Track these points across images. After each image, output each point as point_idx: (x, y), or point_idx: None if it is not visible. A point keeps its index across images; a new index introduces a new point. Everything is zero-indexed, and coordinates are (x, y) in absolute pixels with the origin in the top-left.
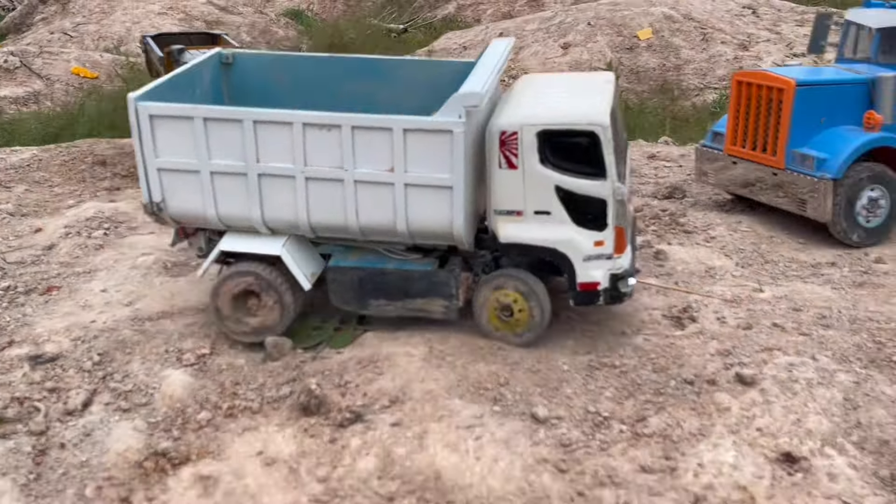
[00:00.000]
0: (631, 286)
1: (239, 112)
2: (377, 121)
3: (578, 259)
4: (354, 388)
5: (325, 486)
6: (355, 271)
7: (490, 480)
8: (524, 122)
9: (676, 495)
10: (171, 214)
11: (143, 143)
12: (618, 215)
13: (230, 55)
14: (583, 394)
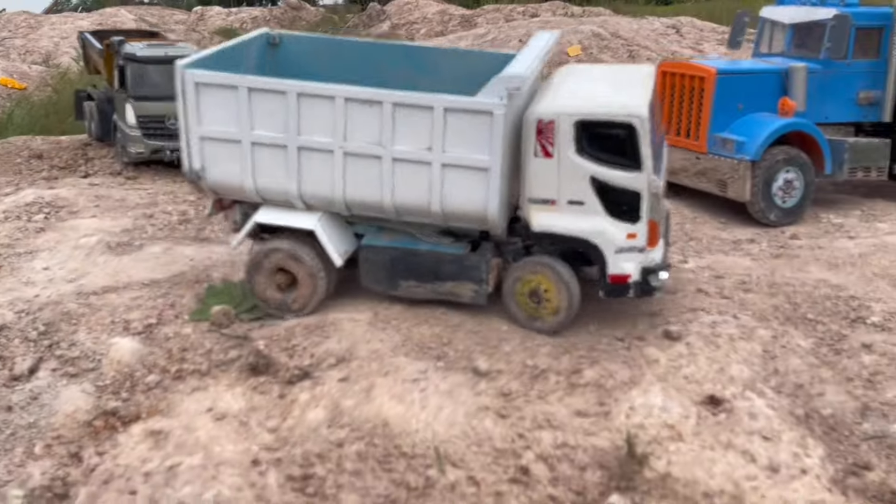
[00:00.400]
0: (662, 280)
1: (283, 84)
2: (418, 98)
3: (610, 251)
4: (302, 350)
5: (275, 435)
6: (388, 251)
7: (435, 426)
8: (562, 110)
9: (610, 434)
10: (210, 184)
11: (188, 110)
12: (652, 208)
13: (277, 36)
14: (521, 350)
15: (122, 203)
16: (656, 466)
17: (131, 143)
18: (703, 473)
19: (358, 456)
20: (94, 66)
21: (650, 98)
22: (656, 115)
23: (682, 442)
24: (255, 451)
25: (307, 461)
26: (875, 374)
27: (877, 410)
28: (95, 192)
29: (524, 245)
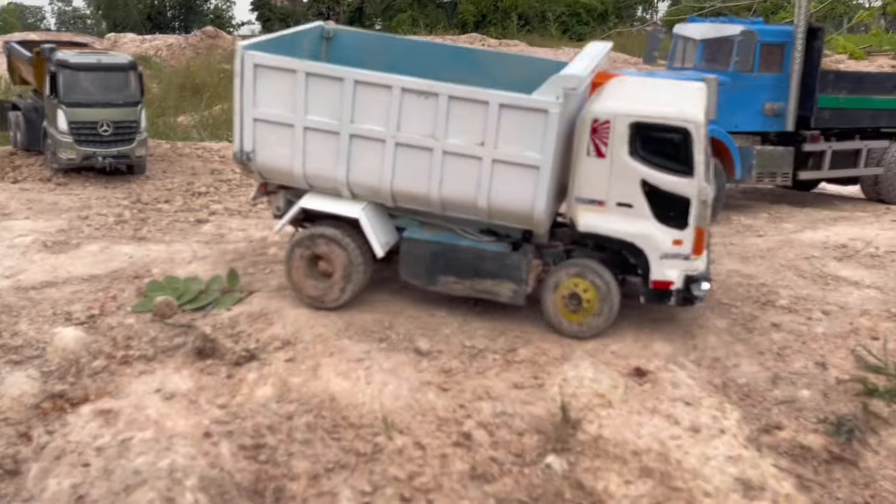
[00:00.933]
0: (704, 290)
1: (341, 70)
2: (475, 93)
3: (655, 256)
4: (247, 336)
5: (225, 410)
6: (429, 245)
7: (381, 399)
8: (619, 111)
9: (545, 403)
10: (259, 166)
11: (244, 91)
12: (700, 216)
13: (332, 30)
14: (459, 333)
15: (54, 206)
16: (589, 430)
17: (62, 149)
18: (632, 435)
19: (307, 427)
20: (20, 77)
21: (705, 107)
22: (707, 127)
23: (611, 408)
24: (207, 425)
25: (258, 432)
26: (783, 348)
27: (786, 379)
28: (27, 196)
29: (565, 249)
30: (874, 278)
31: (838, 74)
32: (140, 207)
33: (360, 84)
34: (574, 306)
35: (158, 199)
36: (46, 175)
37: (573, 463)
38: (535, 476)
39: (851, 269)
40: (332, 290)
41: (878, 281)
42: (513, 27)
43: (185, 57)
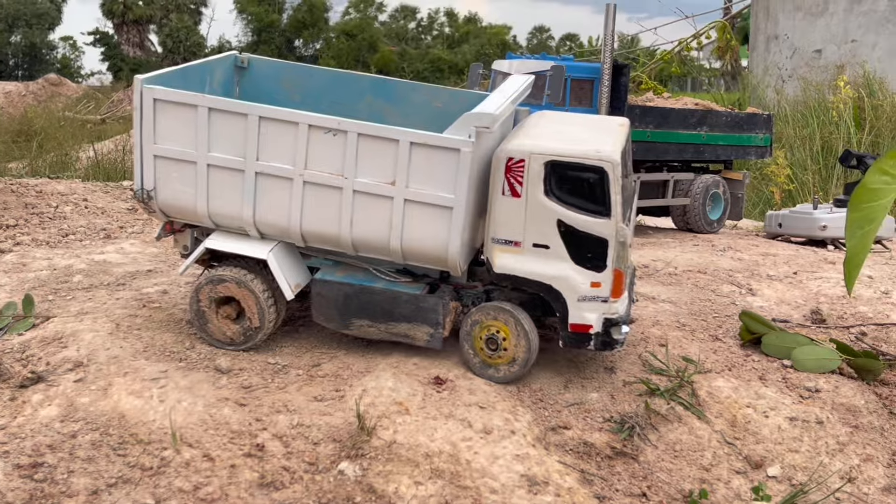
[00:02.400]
0: (624, 334)
1: (245, 106)
2: (385, 131)
3: (573, 298)
4: (37, 359)
5: (3, 432)
6: (341, 287)
7: (173, 416)
8: (533, 150)
9: (343, 414)
10: (161, 205)
11: (144, 127)
12: (618, 257)
13: (246, 59)
14: (264, 351)
15: None
16: (383, 436)
17: None
18: (426, 438)
19: (92, 444)
20: None
21: (623, 146)
22: (628, 164)
23: (408, 415)
24: None
25: (37, 451)
26: (577, 356)
27: (577, 383)
28: None
29: (485, 289)
30: (669, 294)
31: (644, 109)
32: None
33: (265, 120)
34: (491, 350)
35: None
36: None
37: (366, 468)
38: (327, 482)
39: (650, 286)
40: (244, 332)
41: (673, 296)
42: None
43: (25, 104)
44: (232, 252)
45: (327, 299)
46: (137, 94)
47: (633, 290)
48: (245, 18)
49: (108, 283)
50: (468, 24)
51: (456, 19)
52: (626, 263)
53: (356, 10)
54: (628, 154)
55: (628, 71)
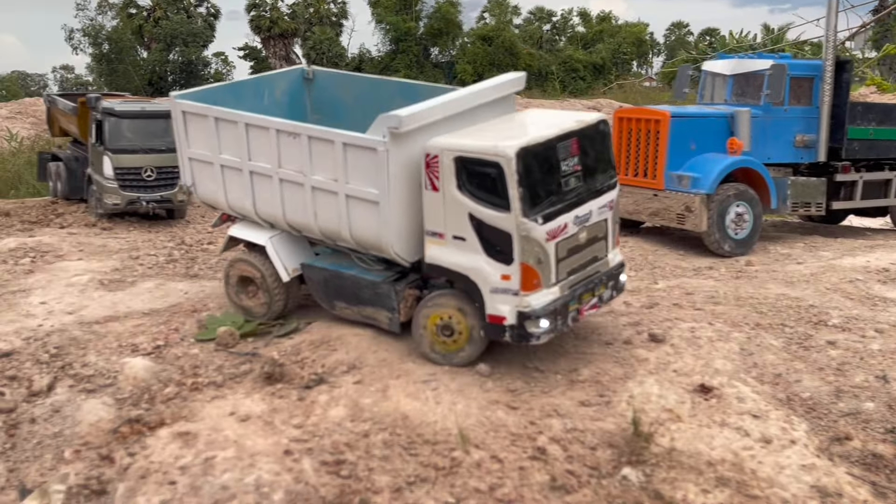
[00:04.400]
0: (542, 329)
1: (236, 115)
2: (323, 133)
3: (486, 290)
4: (311, 361)
5: (301, 430)
6: (322, 271)
7: (452, 418)
8: (444, 146)
9: (615, 419)
10: (199, 197)
11: (179, 134)
12: (524, 251)
13: (311, 71)
14: (519, 357)
15: (104, 248)
16: (661, 442)
17: (108, 194)
18: (705, 446)
19: (384, 444)
20: (59, 128)
21: (546, 141)
22: (569, 159)
23: (681, 422)
24: (286, 443)
25: (337, 449)
26: (843, 364)
27: (848, 392)
28: (76, 240)
29: (448, 280)
30: None
31: (867, 106)
32: (186, 248)
33: (250, 126)
34: (446, 336)
35: (202, 241)
36: (91, 220)
37: (649, 474)
38: (613, 487)
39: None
40: (255, 307)
41: None
42: None
43: None
44: (244, 239)
45: (314, 282)
46: (172, 108)
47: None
48: (383, 28)
49: None
50: (602, 23)
51: (589, 19)
52: (543, 258)
53: (491, 14)
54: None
55: (851, 67)
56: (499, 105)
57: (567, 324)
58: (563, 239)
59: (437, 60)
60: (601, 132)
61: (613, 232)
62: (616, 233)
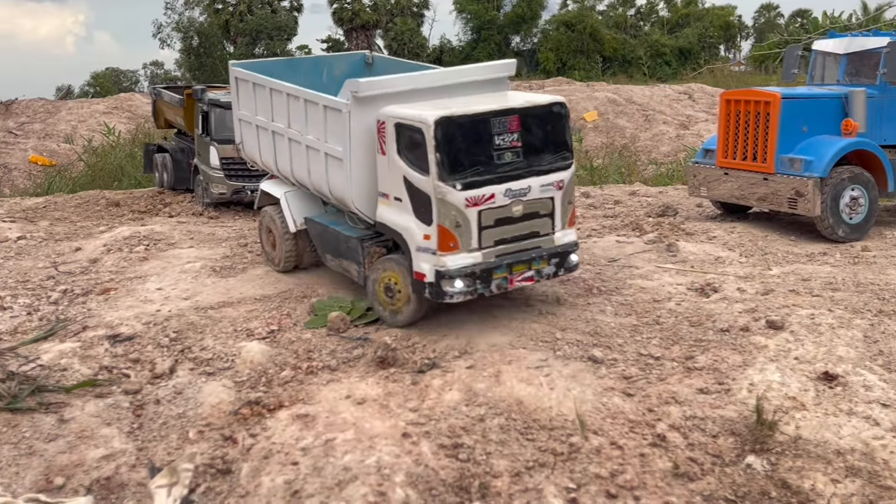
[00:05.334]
0: (456, 289)
1: (265, 80)
2: (313, 96)
3: (413, 248)
4: (422, 346)
5: (417, 413)
6: (317, 226)
7: (567, 403)
8: (389, 114)
9: (735, 407)
10: (246, 153)
11: (233, 97)
12: (440, 214)
13: (371, 57)
14: (632, 342)
15: (213, 236)
16: (786, 431)
17: (214, 184)
18: (832, 435)
19: (500, 428)
20: (165, 120)
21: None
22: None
23: (805, 410)
24: (403, 426)
25: (454, 433)
26: None
27: None
28: (186, 228)
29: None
30: None
31: None
32: None
33: (273, 91)
34: (389, 297)
35: None
36: (198, 210)
37: (774, 463)
38: (738, 475)
39: None
40: (275, 255)
41: None
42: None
43: None
44: (268, 192)
45: (313, 235)
46: (230, 74)
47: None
48: (464, 18)
49: None
50: (688, 7)
51: (675, 3)
52: (462, 221)
53: (574, 0)
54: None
55: None
56: (487, 86)
57: (491, 290)
58: (488, 208)
59: (518, 48)
60: (555, 114)
61: (563, 212)
62: (568, 213)
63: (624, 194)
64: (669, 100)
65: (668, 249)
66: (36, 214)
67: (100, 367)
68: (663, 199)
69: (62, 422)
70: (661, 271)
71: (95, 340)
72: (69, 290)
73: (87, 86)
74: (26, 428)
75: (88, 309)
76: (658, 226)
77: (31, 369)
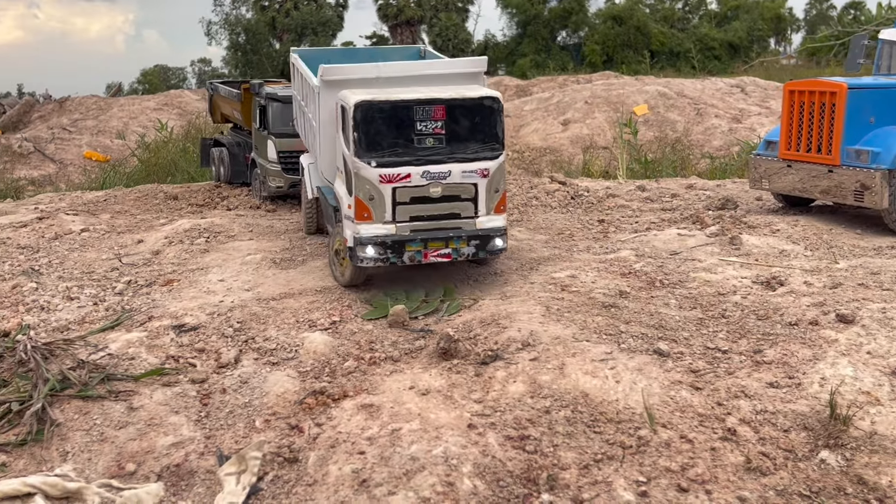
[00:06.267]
0: (368, 255)
1: (302, 66)
2: (310, 77)
3: (343, 216)
4: (484, 339)
5: (482, 405)
6: (323, 195)
7: (634, 397)
8: (339, 97)
9: (807, 402)
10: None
11: (293, 81)
12: (356, 186)
13: (424, 51)
14: (698, 336)
15: (271, 229)
16: (861, 426)
17: (271, 177)
18: None
19: (567, 421)
20: (221, 114)
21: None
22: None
23: (881, 405)
24: (468, 418)
25: (520, 425)
26: None
27: None
28: (244, 221)
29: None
30: None
31: None
32: None
33: (303, 75)
34: (338, 259)
35: None
36: (255, 203)
37: (850, 459)
38: (812, 471)
39: None
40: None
41: None
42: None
43: None
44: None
45: (320, 203)
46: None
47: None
48: (509, 12)
49: (515, 268)
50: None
51: None
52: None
53: None
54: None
55: None
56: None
57: (403, 260)
58: (403, 186)
59: (564, 43)
60: (485, 107)
61: (488, 198)
62: (495, 200)
63: (680, 188)
64: (721, 93)
65: (731, 242)
66: (97, 208)
67: (166, 357)
68: (721, 192)
69: (131, 409)
70: (725, 264)
71: (161, 330)
72: (133, 281)
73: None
74: (97, 415)
75: (153, 300)
76: (719, 219)
77: (99, 358)
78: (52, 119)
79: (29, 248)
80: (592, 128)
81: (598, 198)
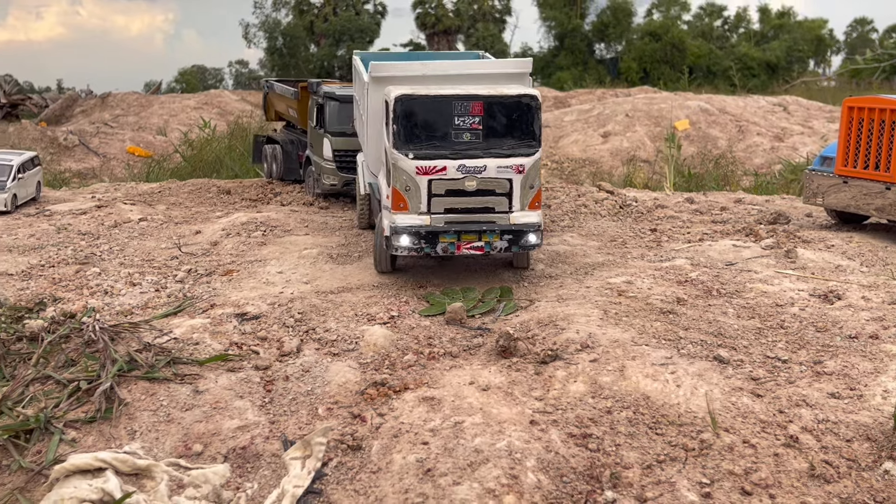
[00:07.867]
0: (402, 244)
1: (360, 67)
2: (363, 73)
3: (383, 205)
4: (542, 339)
5: (543, 402)
6: (373, 191)
7: (695, 401)
8: (385, 93)
9: (870, 413)
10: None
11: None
12: (394, 177)
13: (483, 54)
14: (757, 345)
15: (325, 225)
16: None
17: (326, 174)
18: None
19: (629, 421)
20: (276, 112)
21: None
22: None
23: None
24: (530, 414)
25: (581, 423)
26: None
27: None
28: (299, 217)
29: None
30: None
31: None
32: None
33: (360, 78)
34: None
35: None
36: (308, 199)
37: None
38: (875, 481)
39: None
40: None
41: None
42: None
43: None
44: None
45: (371, 197)
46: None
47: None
48: (547, 25)
49: (569, 272)
50: (781, 19)
51: (768, 14)
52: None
53: (658, 10)
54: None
55: None
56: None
57: (436, 251)
58: (439, 178)
59: (601, 56)
60: (523, 104)
61: (523, 194)
62: (529, 196)
63: (729, 201)
64: (763, 111)
65: (787, 255)
66: (152, 198)
67: (230, 343)
68: (771, 207)
69: (197, 392)
70: (782, 276)
71: (224, 318)
72: (193, 269)
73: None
74: (163, 396)
75: (213, 288)
76: (773, 232)
77: (164, 342)
78: (94, 114)
79: (90, 235)
80: (633, 141)
81: (647, 208)
